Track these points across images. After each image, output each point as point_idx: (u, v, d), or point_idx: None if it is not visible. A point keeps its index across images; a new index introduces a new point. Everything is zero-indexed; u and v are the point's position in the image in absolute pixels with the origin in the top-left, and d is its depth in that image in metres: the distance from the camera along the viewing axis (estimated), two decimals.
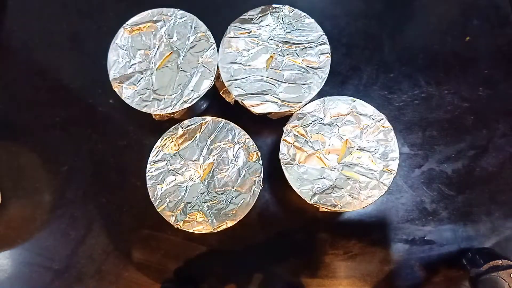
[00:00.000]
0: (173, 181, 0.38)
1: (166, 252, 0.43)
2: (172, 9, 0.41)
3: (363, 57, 0.46)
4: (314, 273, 0.42)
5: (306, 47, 0.40)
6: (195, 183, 0.38)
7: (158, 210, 0.37)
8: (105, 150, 0.45)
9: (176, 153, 0.39)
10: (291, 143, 0.38)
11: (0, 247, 0.43)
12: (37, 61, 0.47)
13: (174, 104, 0.39)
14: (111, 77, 0.40)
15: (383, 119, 0.39)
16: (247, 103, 0.39)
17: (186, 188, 0.38)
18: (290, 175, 0.38)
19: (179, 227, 0.37)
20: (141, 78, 0.40)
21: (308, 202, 0.37)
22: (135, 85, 0.40)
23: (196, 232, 0.37)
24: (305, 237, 0.43)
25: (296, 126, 0.39)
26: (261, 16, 0.41)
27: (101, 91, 0.46)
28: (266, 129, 0.45)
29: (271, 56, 0.40)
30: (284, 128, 0.39)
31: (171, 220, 0.37)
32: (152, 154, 0.39)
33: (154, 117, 0.41)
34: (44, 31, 0.48)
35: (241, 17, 0.41)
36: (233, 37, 0.41)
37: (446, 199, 0.43)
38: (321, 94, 0.40)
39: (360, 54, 0.47)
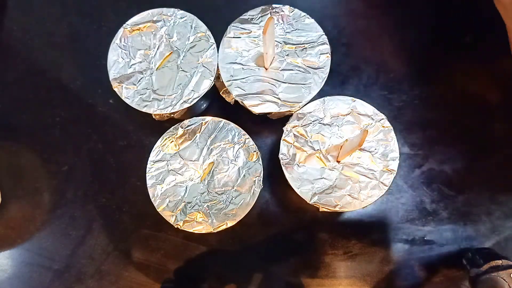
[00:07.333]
0: (173, 181, 0.38)
1: (166, 252, 0.43)
2: (172, 9, 0.41)
3: (363, 57, 0.46)
4: (314, 273, 0.42)
5: (306, 47, 0.40)
6: (195, 183, 0.38)
7: (158, 210, 0.37)
8: (105, 150, 0.45)
9: (176, 153, 0.39)
10: (291, 143, 0.38)
11: (0, 247, 0.43)
12: (37, 61, 0.47)
13: (174, 104, 0.39)
14: (111, 77, 0.40)
15: (383, 119, 0.39)
16: (247, 103, 0.39)
17: (186, 188, 0.38)
18: (290, 175, 0.38)
19: (179, 227, 0.37)
20: (141, 78, 0.40)
21: (308, 202, 0.37)
22: (135, 85, 0.40)
23: (196, 232, 0.37)
24: (305, 237, 0.43)
25: (296, 126, 0.39)
26: (261, 16, 0.41)
27: (101, 91, 0.46)
28: (266, 129, 0.45)
29: None
30: (284, 128, 0.39)
31: (171, 220, 0.37)
32: (152, 154, 0.39)
33: (154, 117, 0.41)
34: (44, 31, 0.48)
35: (241, 17, 0.41)
36: (233, 37, 0.41)
37: (446, 199, 0.43)
38: (321, 94, 0.40)
39: (360, 54, 0.47)
